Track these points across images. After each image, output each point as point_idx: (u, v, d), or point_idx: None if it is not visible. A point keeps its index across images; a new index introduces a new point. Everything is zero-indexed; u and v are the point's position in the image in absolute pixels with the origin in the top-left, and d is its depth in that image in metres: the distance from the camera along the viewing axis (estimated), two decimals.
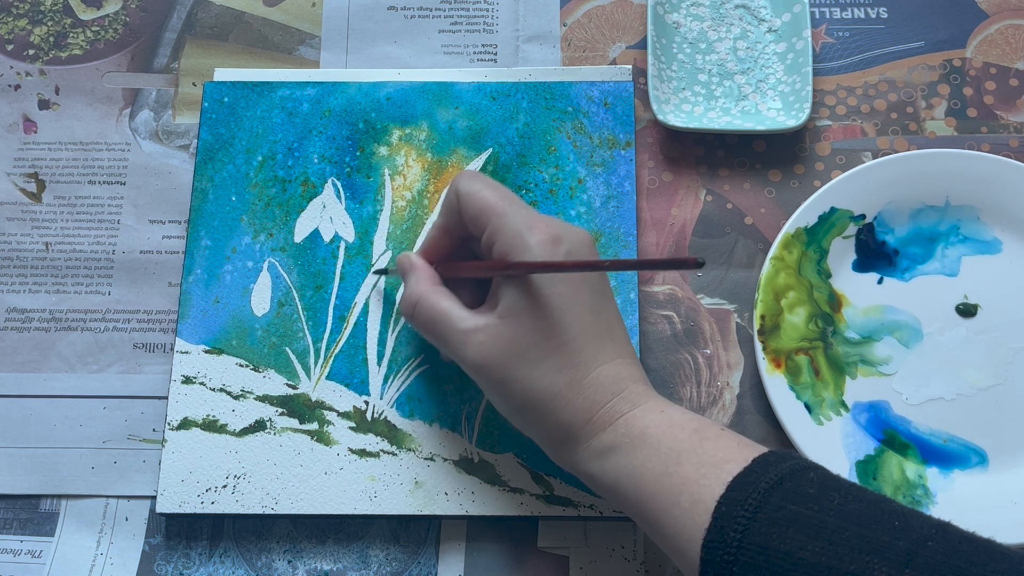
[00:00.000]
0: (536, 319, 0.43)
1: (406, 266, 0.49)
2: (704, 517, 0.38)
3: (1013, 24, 0.61)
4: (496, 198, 0.45)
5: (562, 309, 0.43)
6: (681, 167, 0.58)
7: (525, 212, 0.45)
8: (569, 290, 0.43)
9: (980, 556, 0.35)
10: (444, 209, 0.48)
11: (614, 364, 0.43)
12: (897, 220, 0.55)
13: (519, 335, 0.43)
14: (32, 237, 0.57)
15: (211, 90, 0.58)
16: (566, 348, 0.43)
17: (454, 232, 0.48)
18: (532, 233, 0.43)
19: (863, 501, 0.37)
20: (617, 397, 0.42)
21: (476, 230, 0.46)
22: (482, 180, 0.46)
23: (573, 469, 0.44)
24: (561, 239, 0.43)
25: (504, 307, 0.43)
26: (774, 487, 0.37)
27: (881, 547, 0.35)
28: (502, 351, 0.43)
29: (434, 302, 0.46)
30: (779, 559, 0.36)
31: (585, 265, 0.41)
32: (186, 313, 0.54)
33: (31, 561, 0.51)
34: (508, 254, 0.44)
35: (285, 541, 0.51)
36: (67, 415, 0.53)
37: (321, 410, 0.52)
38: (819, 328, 0.53)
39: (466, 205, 0.46)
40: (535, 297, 0.43)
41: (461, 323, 0.44)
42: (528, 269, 0.42)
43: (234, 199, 0.56)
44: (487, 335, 0.43)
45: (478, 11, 0.62)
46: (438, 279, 0.48)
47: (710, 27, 0.61)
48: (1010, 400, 0.52)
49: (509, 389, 0.43)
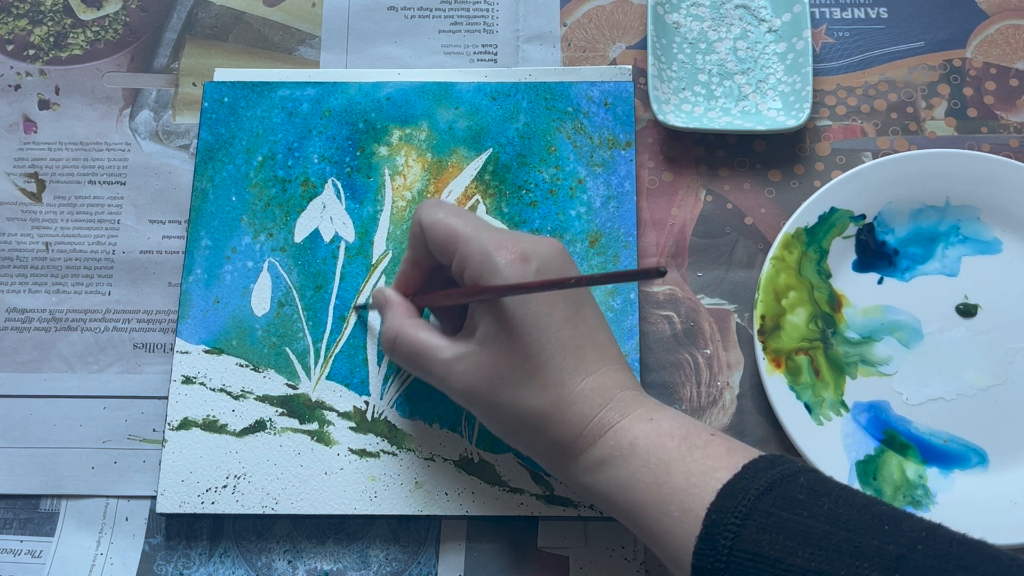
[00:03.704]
0: (513, 342, 0.42)
1: (381, 302, 0.49)
2: (695, 525, 0.38)
3: (1013, 24, 0.61)
4: (460, 224, 0.44)
5: (538, 328, 0.42)
6: (681, 167, 0.58)
7: (489, 233, 0.44)
8: (544, 307, 0.43)
9: (970, 559, 0.35)
10: (411, 241, 0.47)
11: (599, 374, 0.43)
12: (897, 220, 0.55)
13: (499, 360, 0.42)
14: (32, 237, 0.57)
15: (211, 90, 0.58)
16: (547, 367, 0.42)
17: (423, 263, 0.47)
18: (499, 254, 0.43)
19: (853, 505, 0.37)
20: (605, 408, 0.42)
21: (445, 258, 0.45)
22: (444, 208, 0.46)
23: (570, 483, 0.44)
24: (530, 256, 0.43)
25: (481, 333, 0.43)
26: (764, 493, 0.37)
27: (871, 552, 0.35)
28: (485, 377, 0.43)
29: (412, 335, 0.46)
30: (769, 566, 0.36)
31: (552, 284, 0.40)
32: (186, 313, 0.54)
33: (31, 561, 0.51)
34: (479, 278, 0.43)
35: (285, 541, 0.51)
36: (67, 415, 0.53)
37: (321, 410, 0.52)
38: (819, 328, 0.53)
39: (431, 235, 0.45)
40: (509, 320, 0.42)
41: (441, 353, 0.44)
42: (498, 292, 0.42)
43: (234, 199, 0.56)
44: (468, 363, 0.43)
45: (478, 11, 0.62)
46: (414, 311, 0.48)
47: (710, 27, 0.61)
48: (1010, 400, 0.52)
49: (498, 413, 0.43)
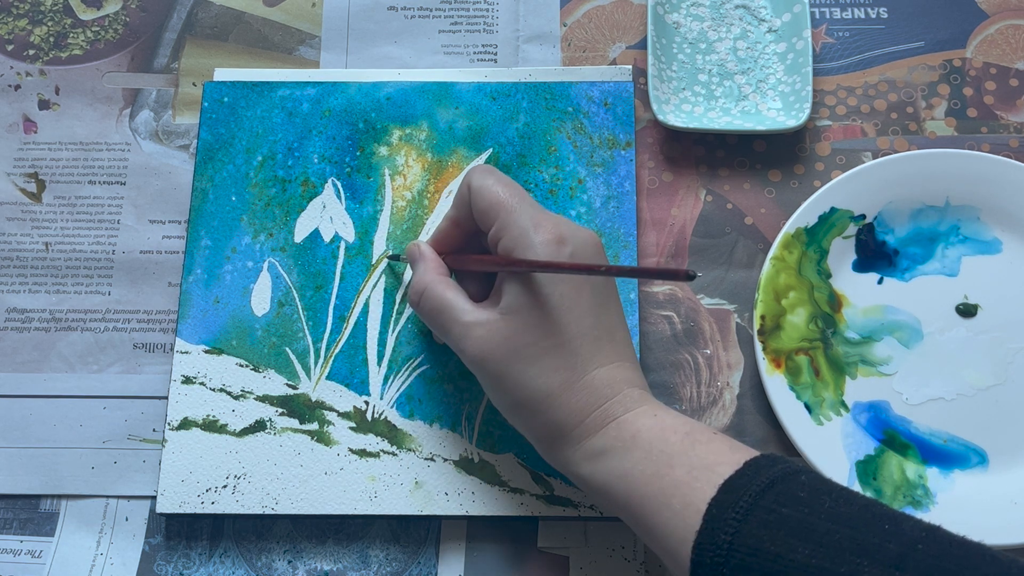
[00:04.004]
0: (536, 317, 0.43)
1: (415, 254, 0.49)
2: (695, 519, 0.38)
3: (1013, 24, 0.61)
4: (506, 194, 0.45)
5: (562, 309, 0.43)
6: (681, 167, 0.58)
7: (533, 210, 0.45)
8: (571, 291, 0.43)
9: (970, 559, 0.35)
10: (456, 201, 0.48)
11: (611, 367, 0.43)
12: (897, 220, 0.55)
13: (518, 332, 0.43)
14: (32, 237, 0.57)
15: (211, 90, 0.58)
16: (563, 348, 0.43)
17: (464, 225, 0.48)
18: (538, 232, 0.43)
19: (854, 504, 0.37)
20: (611, 400, 0.43)
21: (485, 225, 0.46)
22: (495, 175, 0.46)
23: (564, 470, 0.44)
24: (566, 239, 0.44)
25: (506, 303, 0.43)
26: (765, 490, 0.37)
27: (871, 549, 0.35)
28: (500, 346, 0.43)
29: (439, 292, 0.46)
30: (769, 561, 0.36)
31: (583, 268, 0.41)
32: (186, 313, 0.54)
33: (31, 561, 0.51)
34: (513, 251, 0.44)
35: (285, 541, 0.51)
36: (67, 415, 0.53)
37: (321, 410, 0.52)
38: (819, 328, 0.53)
39: (477, 199, 0.46)
40: (536, 295, 0.43)
41: (464, 315, 0.45)
42: (529, 267, 0.43)
43: (234, 199, 0.56)
44: (487, 329, 0.44)
45: (478, 11, 0.62)
46: (445, 270, 0.48)
47: (710, 27, 0.61)
48: (1010, 400, 0.52)
49: (505, 385, 0.44)
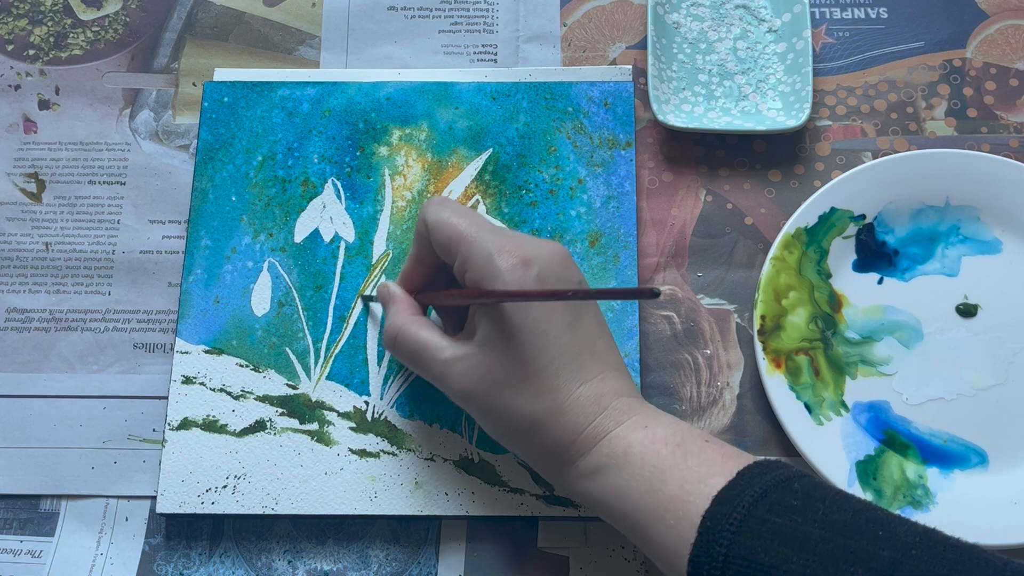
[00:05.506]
0: (511, 347, 0.42)
1: (385, 296, 0.49)
2: (690, 533, 0.38)
3: (1013, 24, 0.61)
4: (464, 224, 0.44)
5: (537, 333, 0.42)
6: (681, 167, 0.58)
7: (493, 236, 0.44)
8: (543, 313, 0.43)
9: (964, 564, 0.35)
10: (416, 239, 0.47)
11: (596, 381, 0.43)
12: (897, 220, 0.55)
13: (497, 364, 0.43)
14: (32, 237, 0.57)
15: (211, 90, 0.58)
16: (543, 374, 0.42)
17: (428, 260, 0.47)
18: (502, 257, 0.43)
19: (848, 510, 0.37)
20: (600, 416, 0.42)
21: (448, 258, 0.45)
22: (450, 207, 0.46)
23: (567, 490, 0.44)
24: (531, 260, 0.43)
25: (481, 335, 0.43)
26: (758, 500, 0.38)
27: (866, 557, 0.35)
28: (482, 380, 0.43)
29: (413, 333, 0.46)
30: (764, 572, 0.36)
31: (550, 294, 0.41)
32: (186, 313, 0.54)
33: (31, 561, 0.51)
34: (481, 281, 0.43)
35: (285, 541, 0.51)
36: (67, 415, 0.53)
37: (321, 410, 0.52)
38: (819, 328, 0.53)
39: (436, 234, 0.45)
40: (508, 325, 0.42)
41: (441, 353, 0.44)
42: (498, 298, 0.42)
43: (234, 199, 0.56)
44: (467, 364, 0.43)
45: (478, 11, 0.62)
46: (417, 308, 0.48)
47: (710, 27, 0.61)
48: (1010, 400, 0.52)
49: (494, 416, 0.43)
